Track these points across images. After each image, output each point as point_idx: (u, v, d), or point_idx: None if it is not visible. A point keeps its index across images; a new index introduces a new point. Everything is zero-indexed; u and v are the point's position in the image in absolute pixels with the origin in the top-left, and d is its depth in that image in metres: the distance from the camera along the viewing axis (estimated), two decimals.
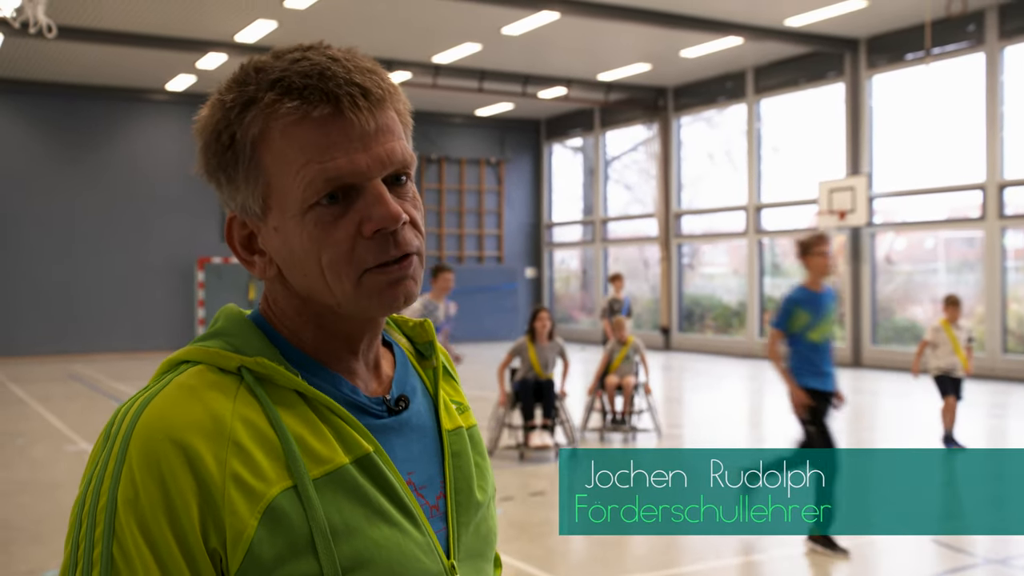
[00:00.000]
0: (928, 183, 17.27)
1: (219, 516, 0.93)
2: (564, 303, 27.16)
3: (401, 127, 1.05)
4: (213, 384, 0.99)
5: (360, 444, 1.02)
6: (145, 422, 0.95)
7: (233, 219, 1.07)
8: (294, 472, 0.96)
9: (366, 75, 1.01)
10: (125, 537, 0.92)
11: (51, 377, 16.82)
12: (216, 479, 0.94)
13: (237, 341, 1.04)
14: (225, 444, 0.95)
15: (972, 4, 15.21)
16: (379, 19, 16.32)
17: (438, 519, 1.07)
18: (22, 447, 9.94)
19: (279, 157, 1.00)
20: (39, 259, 20.92)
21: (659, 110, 22.41)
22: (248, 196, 1.03)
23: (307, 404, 1.02)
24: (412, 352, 1.20)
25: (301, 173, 0.99)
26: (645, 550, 6.35)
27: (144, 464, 0.93)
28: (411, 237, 1.02)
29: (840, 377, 16.62)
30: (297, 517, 0.95)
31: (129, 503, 0.92)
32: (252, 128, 1.00)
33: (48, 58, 18.81)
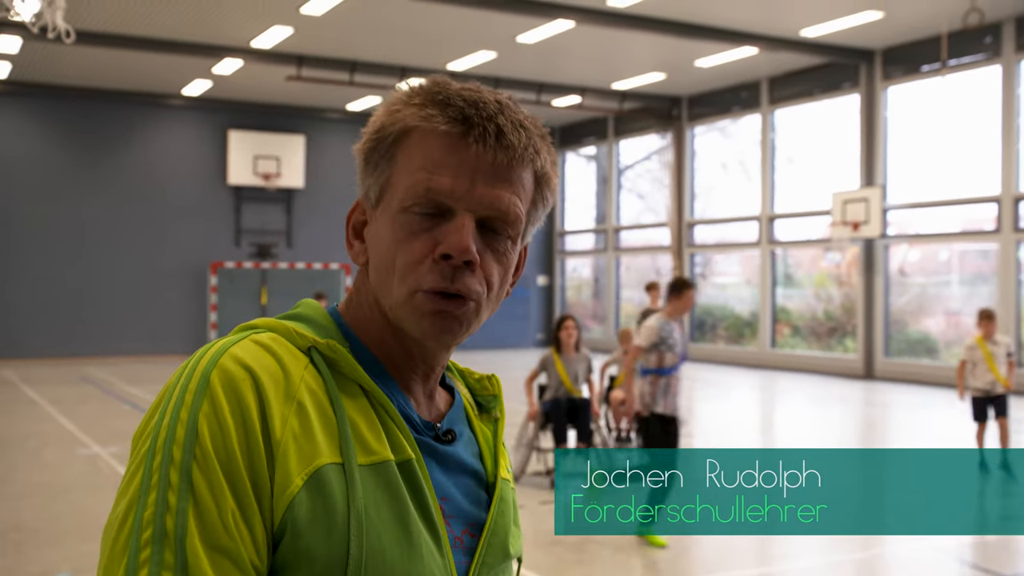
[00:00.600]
0: (943, 195, 17.20)
1: (274, 463, 0.96)
2: (576, 311, 27.12)
3: (528, 190, 1.08)
4: (287, 349, 1.03)
5: (405, 448, 1.04)
6: (227, 361, 0.98)
7: (358, 204, 1.13)
8: (344, 451, 0.99)
9: (514, 124, 1.06)
10: (207, 462, 0.93)
11: (63, 379, 16.89)
12: (278, 430, 0.96)
13: (313, 326, 1.08)
14: (291, 402, 0.98)
15: (989, 16, 15.17)
16: (394, 27, 16.37)
17: (460, 551, 1.08)
18: (34, 450, 9.98)
19: (407, 156, 1.06)
20: (53, 261, 21.04)
21: (673, 119, 22.40)
22: (373, 183, 1.09)
23: (366, 398, 1.05)
24: (471, 404, 1.22)
25: (413, 176, 1.05)
26: (658, 558, 6.33)
27: (226, 397, 0.96)
28: (473, 282, 1.04)
29: (853, 389, 16.59)
30: (339, 493, 0.97)
31: (212, 430, 0.94)
32: (399, 124, 1.07)
33: (66, 62, 18.93)
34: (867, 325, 18.03)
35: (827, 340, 19.81)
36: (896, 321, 18.18)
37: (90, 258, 21.38)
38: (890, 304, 18.15)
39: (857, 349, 18.37)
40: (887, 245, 18.09)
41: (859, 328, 18.22)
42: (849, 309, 19.25)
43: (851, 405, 14.58)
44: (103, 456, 9.47)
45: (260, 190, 22.63)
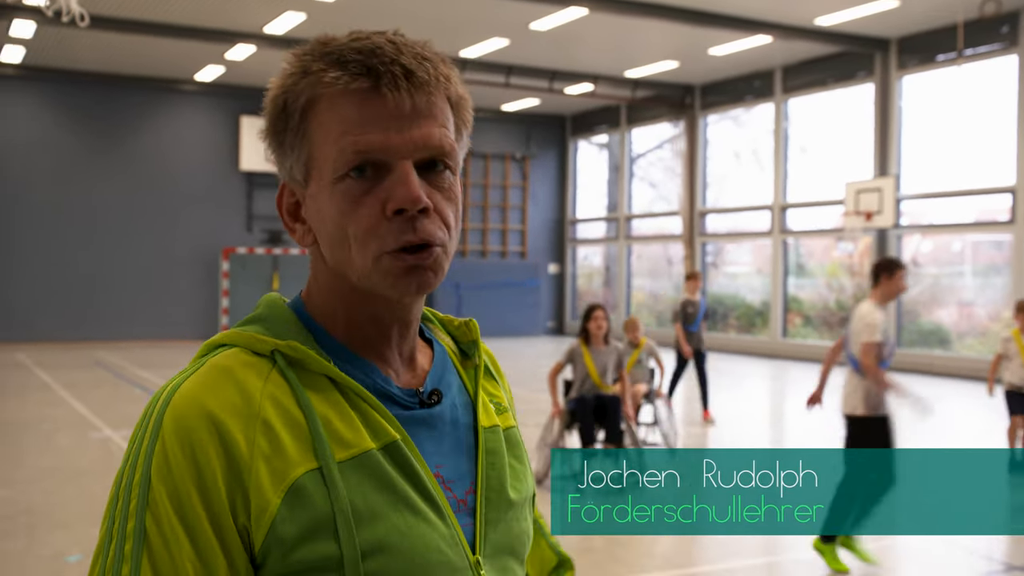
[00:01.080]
0: (956, 186, 17.11)
1: (246, 492, 0.95)
2: (587, 300, 27.11)
3: (450, 117, 1.05)
4: (246, 365, 1.01)
5: (387, 431, 1.03)
6: (178, 400, 0.98)
7: (285, 186, 1.10)
8: (320, 454, 0.98)
9: (417, 59, 1.02)
10: (158, 509, 0.94)
11: (76, 363, 16.98)
12: (244, 456, 0.96)
13: (274, 326, 1.06)
14: (254, 423, 0.97)
15: (1006, 5, 15.04)
16: (407, 12, 16.34)
17: (465, 514, 1.07)
18: (47, 433, 10.04)
19: (322, 126, 1.02)
20: (66, 246, 21.12)
21: (686, 108, 22.32)
22: (294, 162, 1.05)
23: (337, 390, 1.03)
24: (455, 352, 1.20)
25: (337, 143, 1.01)
26: (661, 549, 6.33)
27: (176, 439, 0.95)
28: (434, 228, 1.02)
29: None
30: (320, 498, 0.96)
31: (162, 476, 0.94)
32: (302, 96, 1.03)
33: (79, 47, 18.97)
34: None
35: (839, 330, 19.75)
36: (908, 311, 18.10)
37: (103, 243, 21.46)
38: (903, 295, 18.05)
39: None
40: (900, 235, 18.00)
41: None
42: (861, 299, 19.16)
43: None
44: (115, 440, 9.52)
45: (272, 176, 22.63)
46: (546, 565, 1.32)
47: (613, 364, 7.88)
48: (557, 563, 1.34)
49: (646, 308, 24.89)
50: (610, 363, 7.85)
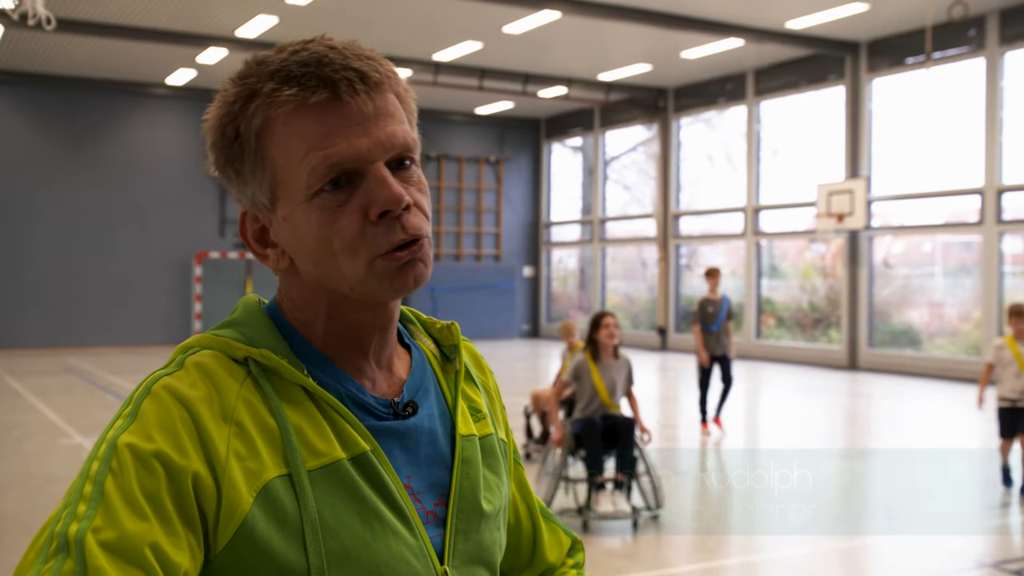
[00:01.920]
0: (927, 187, 17.28)
1: (219, 485, 0.94)
2: (561, 302, 27.16)
3: (403, 112, 1.05)
4: (222, 366, 1.01)
5: (358, 442, 1.02)
6: (159, 389, 0.97)
7: (246, 214, 1.08)
8: (290, 461, 0.97)
9: (363, 61, 1.02)
10: (122, 474, 0.91)
11: (47, 370, 16.80)
12: (220, 450, 0.95)
13: (249, 332, 1.05)
14: (229, 422, 0.97)
15: (973, 9, 15.21)
16: (380, 16, 16.31)
17: (434, 525, 1.07)
18: (17, 440, 9.93)
19: (283, 146, 1.01)
20: (36, 252, 20.90)
21: (659, 111, 22.41)
22: (256, 188, 1.04)
23: (310, 399, 1.03)
24: (436, 355, 1.19)
25: (305, 160, 1.00)
26: (638, 549, 6.35)
27: (156, 419, 0.94)
28: (418, 221, 1.03)
29: (837, 380, 16.63)
30: (290, 504, 0.96)
31: (129, 444, 0.92)
32: (255, 119, 1.01)
33: (47, 51, 18.78)
34: (851, 316, 18.11)
35: (812, 331, 19.90)
36: (880, 312, 18.27)
37: (74, 248, 21.25)
38: (874, 295, 18.23)
39: (841, 340, 18.45)
40: (871, 237, 18.16)
41: (843, 319, 18.31)
42: (833, 300, 19.33)
43: (835, 396, 14.65)
44: (86, 447, 9.43)
45: None
46: (563, 547, 1.33)
47: (623, 380, 6.95)
48: (571, 544, 1.35)
49: (621, 310, 24.94)
50: (619, 379, 6.92)
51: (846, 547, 6.49)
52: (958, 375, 16.06)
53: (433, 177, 24.86)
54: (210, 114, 1.05)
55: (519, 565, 1.30)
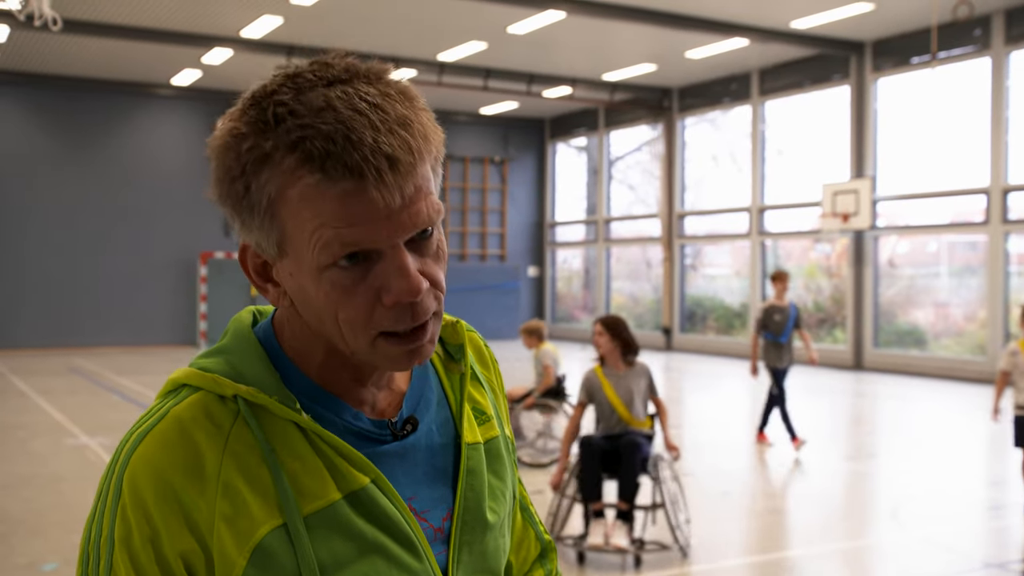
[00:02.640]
0: (932, 187, 17.25)
1: (210, 555, 0.94)
2: (566, 302, 27.16)
3: (431, 178, 0.98)
4: (208, 416, 0.98)
5: (355, 478, 1.00)
6: (137, 464, 0.96)
7: (247, 247, 1.01)
8: (285, 510, 0.96)
9: (396, 136, 0.92)
10: (120, 573, 0.95)
11: (52, 370, 16.83)
12: (205, 520, 0.94)
13: (238, 363, 1.01)
14: (214, 485, 0.95)
15: (979, 8, 15.19)
16: (385, 16, 16.31)
17: (441, 541, 1.06)
18: (23, 440, 9.95)
19: (295, 216, 0.93)
20: (42, 251, 20.94)
21: (663, 111, 22.40)
22: (263, 239, 0.97)
23: (303, 435, 1.00)
24: (441, 355, 1.16)
25: (316, 234, 0.92)
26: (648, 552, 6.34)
27: (135, 506, 0.95)
28: (430, 302, 0.97)
29: (842, 380, 16.58)
30: (286, 556, 0.95)
31: (123, 540, 0.95)
32: (269, 187, 0.93)
33: (53, 51, 18.82)
34: (856, 316, 18.08)
35: (816, 331, 19.87)
36: (885, 312, 18.23)
37: (79, 248, 21.29)
38: (879, 295, 18.20)
39: (846, 340, 18.42)
40: (876, 237, 18.13)
41: (848, 319, 18.28)
42: (838, 300, 19.30)
43: (840, 396, 14.63)
44: (91, 447, 9.44)
45: None
46: (531, 553, 1.29)
47: (642, 389, 6.17)
48: (541, 550, 1.31)
49: (626, 310, 24.93)
50: (637, 388, 6.14)
51: (851, 547, 6.48)
52: (963, 375, 16.03)
53: None
54: (217, 147, 0.97)
55: None
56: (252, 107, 0.95)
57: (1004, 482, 8.69)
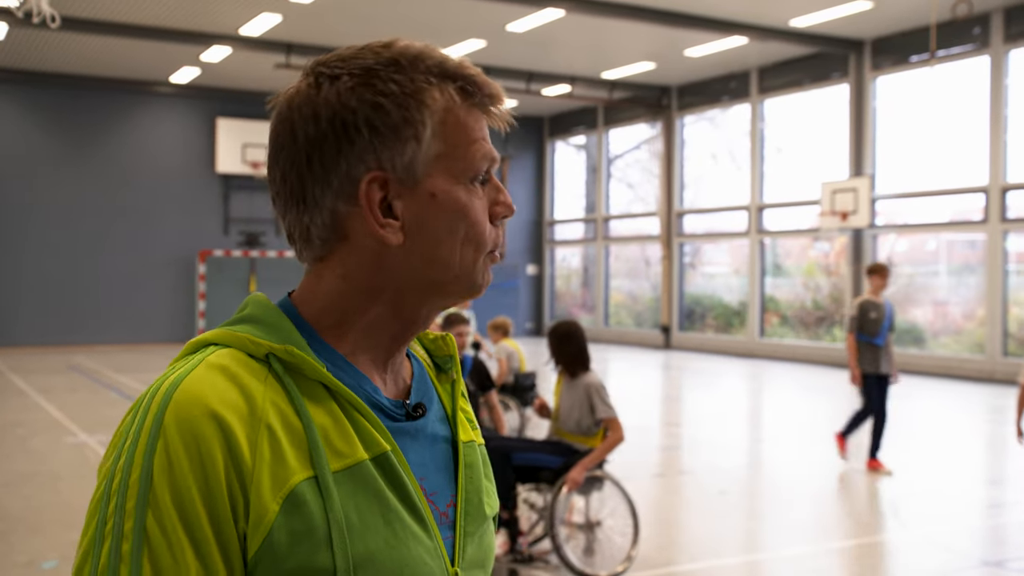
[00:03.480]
0: (931, 185, 17.26)
1: (248, 498, 0.93)
2: (565, 301, 27.16)
3: None
4: (244, 366, 0.99)
5: (379, 442, 1.02)
6: (181, 397, 0.95)
7: (372, 180, 1.04)
8: (316, 463, 0.97)
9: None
10: (160, 509, 0.91)
11: (52, 368, 16.83)
12: (248, 459, 0.94)
13: (267, 328, 1.03)
14: (257, 426, 0.96)
15: (978, 7, 15.19)
16: (383, 14, 16.30)
17: (446, 527, 1.08)
18: (22, 438, 9.95)
19: (459, 126, 1.07)
20: (40, 250, 20.93)
21: (663, 109, 22.40)
22: (415, 156, 1.05)
23: (331, 397, 1.02)
24: (430, 365, 1.21)
25: (475, 146, 1.08)
26: (642, 549, 6.35)
27: (180, 438, 0.92)
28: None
29: (841, 378, 16.57)
30: (316, 508, 0.95)
31: (165, 474, 0.92)
32: (440, 99, 1.07)
33: (51, 49, 18.81)
34: None
35: (815, 329, 19.88)
36: None
37: (78, 246, 21.28)
38: None
39: (845, 338, 18.42)
40: (875, 235, 18.14)
41: (847, 317, 18.27)
42: (837, 298, 19.31)
43: (838, 394, 14.64)
44: (90, 445, 9.44)
45: (248, 178, 22.55)
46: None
47: (580, 404, 5.67)
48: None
49: (625, 309, 24.94)
50: (576, 402, 5.69)
51: (850, 546, 6.49)
52: (962, 373, 16.05)
53: None
54: (349, 91, 1.03)
55: None
56: (388, 58, 1.06)
57: (1003, 480, 8.71)
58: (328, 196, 1.03)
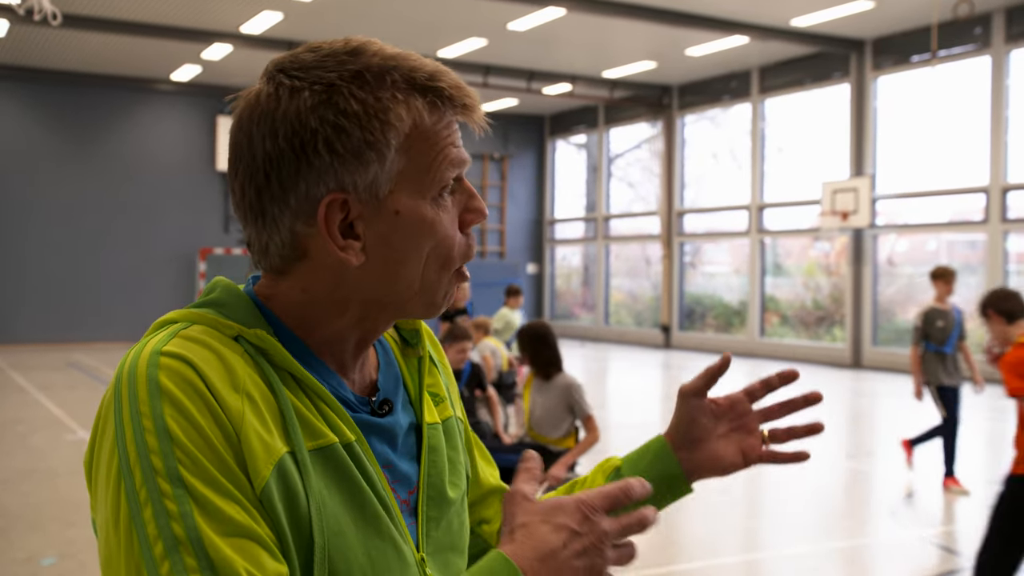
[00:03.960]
0: (931, 185, 17.26)
1: (243, 458, 0.92)
2: (565, 300, 27.16)
3: None
4: (219, 340, 0.98)
5: (344, 432, 1.02)
6: (166, 360, 0.92)
7: (331, 202, 1.00)
8: (292, 438, 0.97)
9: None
10: (188, 459, 0.89)
11: (51, 365, 16.83)
12: (238, 422, 0.93)
13: (235, 312, 1.02)
14: (240, 394, 0.95)
15: (979, 7, 15.18)
16: (384, 12, 16.30)
17: (407, 513, 1.08)
18: (22, 435, 9.95)
19: (424, 141, 1.02)
20: (41, 247, 20.93)
21: (663, 108, 22.39)
22: (379, 173, 1.00)
23: (298, 386, 1.01)
24: (396, 340, 1.19)
25: (440, 155, 1.02)
26: (642, 546, 6.35)
27: (181, 389, 0.91)
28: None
29: (841, 378, 16.57)
30: (298, 482, 0.95)
31: (180, 425, 0.89)
32: (396, 123, 1.00)
33: (53, 46, 18.80)
34: (855, 314, 18.09)
35: (815, 329, 19.88)
36: (884, 311, 18.24)
37: (78, 243, 21.28)
38: (878, 293, 18.21)
39: (845, 338, 18.43)
40: (876, 235, 18.14)
41: (847, 317, 18.29)
42: (837, 298, 19.31)
43: (839, 394, 14.64)
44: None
45: None
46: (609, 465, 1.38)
47: (552, 406, 5.62)
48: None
49: (625, 308, 24.94)
50: (547, 403, 5.64)
51: (849, 546, 6.49)
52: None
53: None
54: (308, 110, 0.98)
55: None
56: (356, 70, 1.00)
57: (1000, 481, 8.70)
58: (287, 216, 1.00)
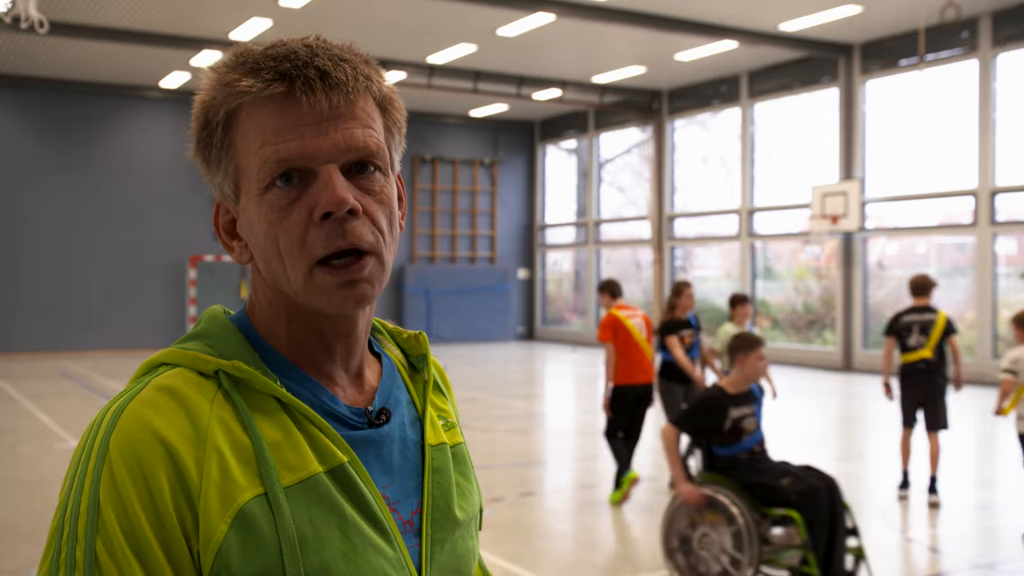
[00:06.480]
0: (920, 189, 17.32)
1: (197, 518, 0.93)
2: (556, 305, 27.17)
3: (377, 118, 1.03)
4: (192, 386, 0.98)
5: (335, 454, 1.00)
6: (125, 422, 0.95)
7: (219, 205, 1.07)
8: (265, 479, 0.96)
9: (333, 61, 0.99)
10: (108, 534, 0.91)
11: (41, 374, 16.76)
12: (195, 480, 0.93)
13: (216, 344, 1.03)
14: (203, 446, 0.95)
15: (966, 11, 15.26)
16: (375, 19, 16.31)
17: (411, 535, 1.06)
18: (11, 444, 9.90)
19: (244, 137, 1.00)
20: (30, 255, 20.85)
21: (653, 113, 22.43)
22: (223, 178, 1.03)
23: (284, 410, 1.01)
24: (404, 365, 1.18)
25: (259, 153, 0.99)
26: (633, 551, 6.34)
27: (124, 463, 0.92)
28: (364, 231, 0.99)
29: (831, 381, 16.59)
30: (267, 524, 0.94)
31: (111, 500, 0.91)
32: (221, 109, 1.01)
33: (40, 54, 18.75)
34: (846, 318, 18.14)
35: (806, 332, 19.92)
36: (875, 314, 18.29)
37: (67, 251, 21.20)
38: (868, 297, 18.26)
39: (836, 341, 18.47)
40: (866, 238, 18.19)
41: (838, 321, 18.33)
42: (828, 302, 19.36)
43: (830, 397, 14.67)
44: None
45: None
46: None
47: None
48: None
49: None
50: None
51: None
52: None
53: (427, 179, 24.88)
54: (195, 102, 1.05)
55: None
56: (218, 62, 1.04)
57: (993, 483, 8.73)
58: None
